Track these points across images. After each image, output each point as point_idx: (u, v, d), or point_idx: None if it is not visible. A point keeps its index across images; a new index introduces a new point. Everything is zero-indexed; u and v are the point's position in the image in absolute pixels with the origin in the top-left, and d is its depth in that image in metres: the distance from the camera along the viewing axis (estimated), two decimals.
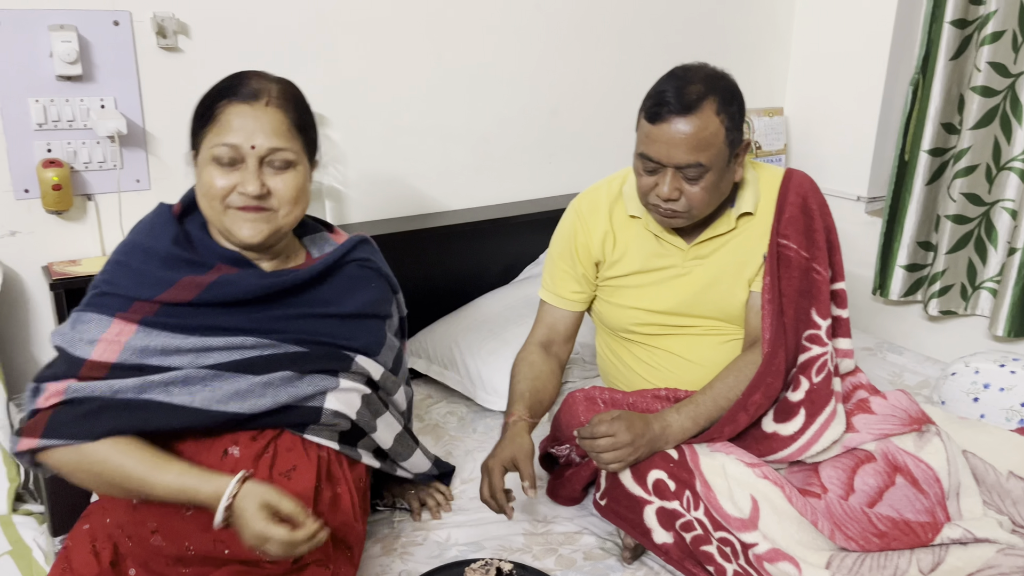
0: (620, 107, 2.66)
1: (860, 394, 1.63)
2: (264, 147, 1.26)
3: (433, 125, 2.31)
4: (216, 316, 1.28)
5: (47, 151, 1.78)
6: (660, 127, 1.47)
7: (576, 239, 1.70)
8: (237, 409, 1.24)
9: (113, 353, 1.21)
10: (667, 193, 1.50)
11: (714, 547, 1.42)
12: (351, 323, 1.41)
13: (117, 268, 1.28)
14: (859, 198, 2.81)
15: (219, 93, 1.28)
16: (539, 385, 1.66)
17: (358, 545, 1.40)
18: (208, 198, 1.28)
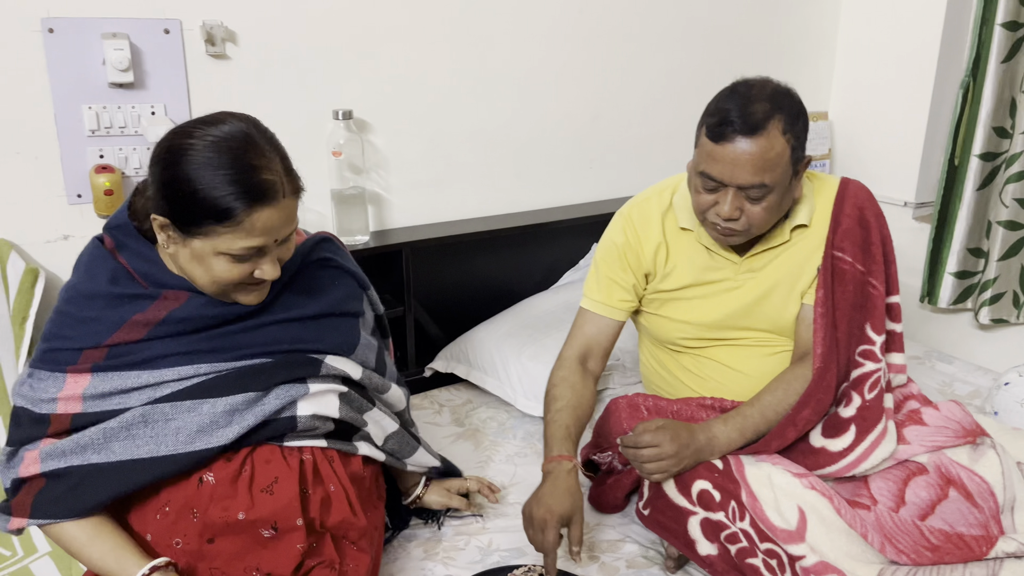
0: (663, 113, 2.65)
1: (911, 405, 1.60)
2: (285, 233, 1.25)
3: (475, 130, 2.32)
4: (168, 345, 1.26)
5: (99, 157, 1.82)
6: (724, 147, 1.42)
7: (628, 249, 1.66)
8: (204, 445, 1.23)
9: (75, 406, 1.23)
10: (728, 213, 1.46)
11: (760, 560, 1.40)
12: (317, 324, 1.37)
13: (62, 319, 1.26)
14: (906, 204, 2.75)
15: (231, 196, 1.16)
16: (581, 414, 1.59)
17: (366, 537, 1.37)
18: (216, 284, 1.24)
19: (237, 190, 1.16)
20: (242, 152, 1.18)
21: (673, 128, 2.67)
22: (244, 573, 1.24)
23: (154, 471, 1.22)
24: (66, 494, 1.20)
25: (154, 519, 1.23)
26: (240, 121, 1.22)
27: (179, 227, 1.20)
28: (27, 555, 1.58)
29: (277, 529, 1.25)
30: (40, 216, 1.80)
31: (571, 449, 1.51)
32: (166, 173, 1.18)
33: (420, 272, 2.19)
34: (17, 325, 1.72)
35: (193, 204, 1.17)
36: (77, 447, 1.21)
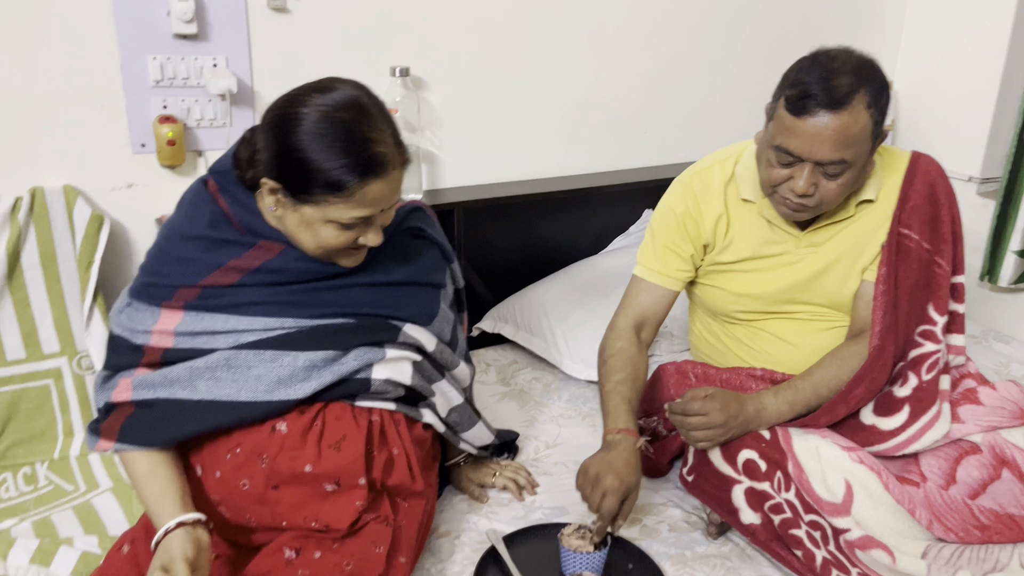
0: (721, 80, 2.60)
1: (968, 383, 1.57)
2: (392, 202, 1.27)
3: (530, 91, 2.30)
4: (257, 294, 1.29)
5: (163, 107, 1.85)
6: (805, 121, 1.36)
7: (688, 218, 1.62)
8: (283, 397, 1.27)
9: (167, 340, 1.28)
10: (803, 189, 1.41)
11: (803, 531, 1.40)
12: (399, 291, 1.39)
13: (161, 255, 1.31)
14: (971, 179, 2.67)
15: (345, 169, 1.18)
16: (639, 387, 1.57)
17: (418, 499, 1.40)
18: (322, 248, 1.27)
19: (351, 163, 1.18)
20: (355, 123, 1.19)
21: (731, 96, 2.62)
22: (303, 521, 1.28)
23: (232, 415, 1.26)
24: (151, 424, 1.25)
25: (224, 458, 1.28)
26: (351, 88, 1.23)
27: (290, 193, 1.22)
28: (89, 490, 1.66)
29: (339, 485, 1.29)
30: (106, 164, 1.85)
31: (635, 425, 1.51)
32: (278, 142, 1.20)
33: (471, 232, 2.20)
34: (83, 269, 1.78)
35: (305, 175, 1.19)
36: (165, 381, 1.27)
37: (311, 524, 1.27)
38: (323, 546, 1.26)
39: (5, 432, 1.74)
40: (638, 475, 1.42)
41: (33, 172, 1.78)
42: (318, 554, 1.25)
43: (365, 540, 1.28)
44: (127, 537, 1.29)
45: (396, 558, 1.30)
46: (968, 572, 1.35)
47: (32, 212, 1.75)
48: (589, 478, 1.40)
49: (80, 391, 1.81)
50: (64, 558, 1.38)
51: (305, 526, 1.28)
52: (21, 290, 1.75)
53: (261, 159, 1.24)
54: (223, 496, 1.28)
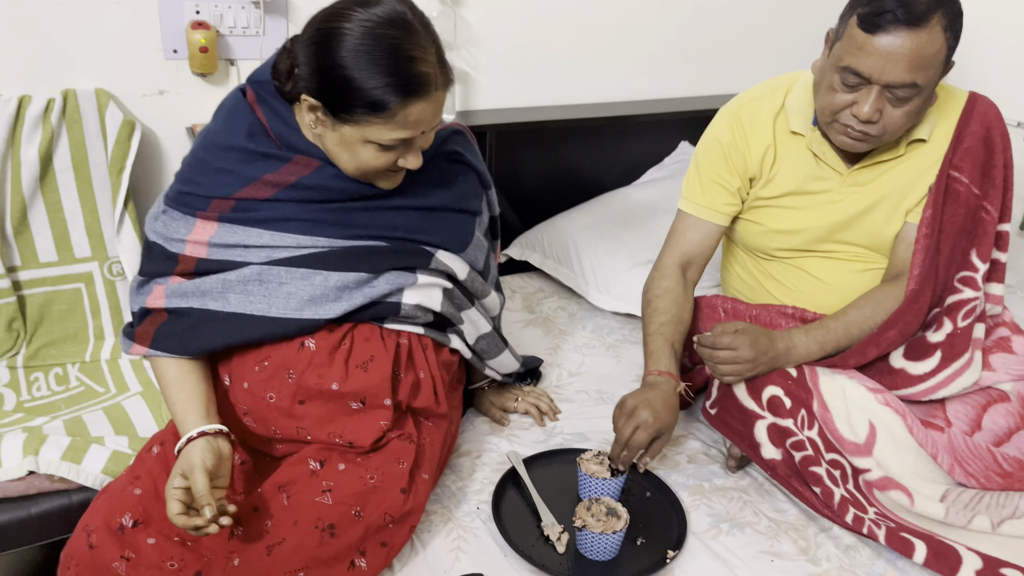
0: (766, 12, 2.51)
1: (1001, 331, 1.54)
2: (434, 124, 1.23)
3: (569, 13, 2.24)
4: (291, 209, 1.28)
5: (196, 12, 1.82)
6: (879, 38, 1.29)
7: (734, 150, 1.57)
8: (312, 315, 1.27)
9: (200, 251, 1.27)
10: (868, 114, 1.35)
11: (823, 468, 1.40)
12: (434, 216, 1.37)
13: (197, 164, 1.29)
14: (1020, 124, 2.58)
15: (388, 89, 1.14)
16: (684, 329, 1.55)
17: (442, 419, 1.42)
18: (359, 169, 1.25)
19: (394, 82, 1.14)
20: (399, 41, 1.15)
21: (776, 28, 2.53)
22: (327, 437, 1.29)
23: (262, 329, 1.27)
24: (184, 332, 1.26)
25: (252, 370, 1.29)
26: (396, 2, 1.18)
27: (330, 111, 1.19)
28: (119, 392, 1.69)
29: (365, 404, 1.30)
30: (137, 69, 1.83)
31: (677, 368, 1.50)
32: (319, 57, 1.16)
33: (503, 156, 2.17)
34: (115, 175, 1.78)
35: (347, 92, 1.16)
36: (198, 291, 1.27)
37: (335, 440, 1.29)
38: (347, 459, 1.28)
39: (38, 333, 1.77)
40: (674, 416, 1.42)
41: (65, 73, 1.76)
42: (342, 466, 1.27)
43: (389, 455, 1.30)
44: (157, 439, 1.32)
45: (419, 474, 1.32)
46: (986, 517, 1.35)
47: (64, 115, 1.74)
48: (625, 410, 1.40)
49: (111, 296, 1.83)
50: (95, 456, 1.41)
51: (329, 441, 1.30)
52: (54, 192, 1.75)
53: (301, 74, 1.20)
54: (250, 407, 1.30)
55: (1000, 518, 1.36)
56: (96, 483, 1.40)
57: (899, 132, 1.41)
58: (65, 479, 1.40)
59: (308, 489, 1.23)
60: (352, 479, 1.26)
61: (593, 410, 1.68)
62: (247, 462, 1.34)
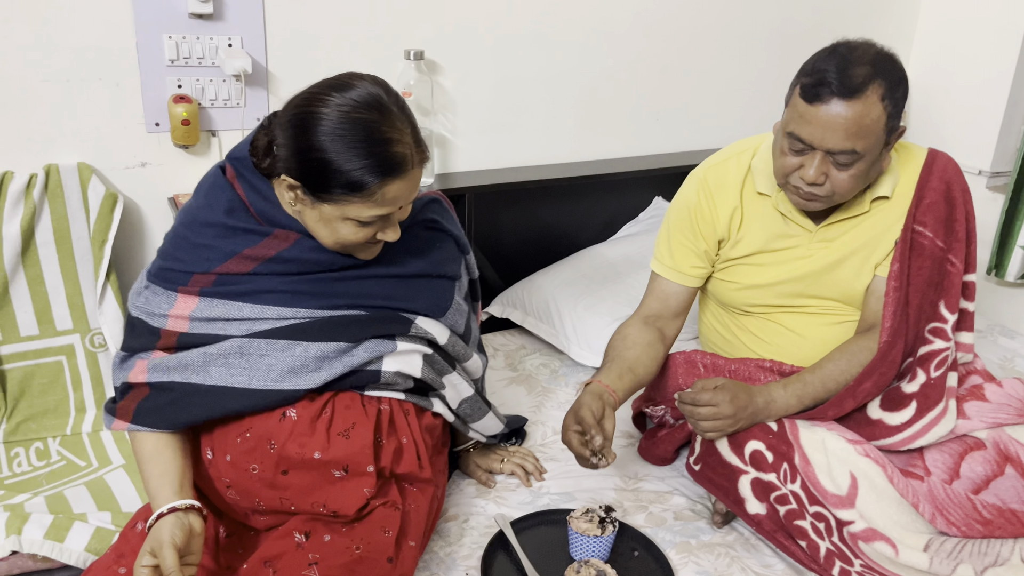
0: (733, 68, 2.59)
1: (974, 380, 1.58)
2: (410, 199, 1.28)
3: (542, 76, 2.30)
4: (271, 282, 1.31)
5: (178, 87, 1.85)
6: (817, 108, 1.37)
7: (701, 214, 1.62)
8: (293, 386, 1.28)
9: (182, 325, 1.29)
10: (813, 177, 1.41)
11: (808, 522, 1.42)
12: (412, 284, 1.40)
13: (178, 241, 1.32)
14: (980, 172, 2.68)
15: (365, 171, 1.19)
16: (629, 355, 1.58)
17: (427, 485, 1.42)
18: (339, 244, 1.28)
19: (371, 164, 1.19)
20: (376, 124, 1.19)
21: (744, 85, 2.61)
22: (311, 507, 1.29)
23: (243, 401, 1.28)
24: (165, 406, 1.27)
25: (234, 442, 1.29)
26: (371, 85, 1.23)
27: (309, 191, 1.23)
28: (101, 466, 1.68)
29: (348, 472, 1.30)
30: (120, 142, 1.85)
31: (602, 375, 1.52)
32: (298, 140, 1.20)
33: (481, 217, 2.21)
34: (97, 247, 1.79)
35: (326, 174, 1.19)
36: (180, 365, 1.28)
37: (319, 509, 1.29)
38: (332, 529, 1.28)
39: (18, 407, 1.76)
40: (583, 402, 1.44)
41: (48, 149, 1.79)
42: (328, 537, 1.27)
43: (374, 524, 1.30)
44: (141, 515, 1.31)
45: (405, 542, 1.32)
46: (969, 565, 1.37)
47: (47, 189, 1.75)
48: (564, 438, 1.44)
49: (92, 368, 1.82)
50: (78, 533, 1.40)
51: (313, 511, 1.29)
52: (35, 267, 1.76)
53: (280, 155, 1.24)
54: (233, 479, 1.30)
55: (983, 566, 1.37)
56: (80, 561, 1.38)
57: (850, 194, 1.47)
58: (48, 558, 1.38)
59: (294, 563, 1.22)
60: (338, 550, 1.25)
61: (579, 468, 1.69)
62: (232, 535, 1.33)
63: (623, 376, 1.54)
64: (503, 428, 1.65)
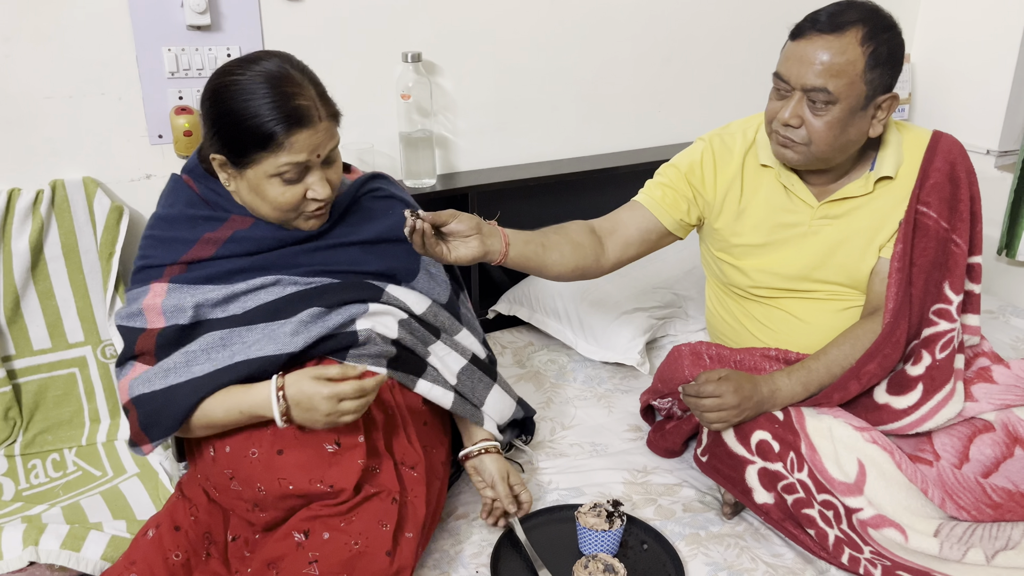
0: (736, 57, 2.58)
1: (981, 362, 1.57)
2: (326, 151, 1.36)
3: (543, 73, 2.30)
4: (236, 263, 1.40)
5: (179, 98, 1.87)
6: (798, 43, 1.44)
7: (699, 171, 1.65)
8: (275, 351, 1.32)
9: (158, 320, 1.36)
10: (786, 118, 1.45)
11: (816, 510, 1.42)
12: (373, 249, 1.47)
13: (148, 242, 1.42)
14: (988, 151, 2.65)
15: (272, 122, 1.29)
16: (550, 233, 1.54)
17: (431, 471, 1.43)
18: (279, 209, 1.37)
19: (276, 115, 1.29)
20: (277, 82, 1.30)
21: (746, 73, 2.60)
22: (309, 484, 1.31)
23: (229, 375, 1.32)
24: (159, 413, 1.32)
25: (233, 431, 1.34)
26: (275, 57, 1.35)
27: (233, 161, 1.34)
28: (116, 475, 1.70)
29: (340, 445, 1.33)
30: (124, 156, 1.87)
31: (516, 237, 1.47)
32: (213, 110, 1.33)
33: (486, 215, 2.19)
34: (104, 259, 1.81)
35: (239, 134, 1.31)
36: (161, 372, 1.34)
37: (317, 486, 1.30)
38: (330, 526, 1.29)
39: (33, 420, 1.79)
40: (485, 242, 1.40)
41: (53, 165, 1.81)
42: (326, 535, 1.28)
43: (372, 518, 1.31)
44: (152, 522, 1.33)
45: (403, 534, 1.33)
46: (980, 549, 1.36)
47: (53, 204, 1.78)
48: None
49: (105, 379, 1.85)
50: (94, 542, 1.42)
51: (311, 489, 1.30)
52: (45, 281, 1.78)
53: (206, 136, 1.36)
54: (235, 468, 1.33)
55: (994, 550, 1.37)
56: (96, 570, 1.40)
57: (827, 146, 1.47)
58: (66, 568, 1.40)
59: (296, 564, 1.25)
60: (337, 547, 1.27)
61: (587, 463, 1.70)
62: (238, 538, 1.34)
63: (529, 241, 1.49)
64: (515, 406, 1.64)
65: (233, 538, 1.33)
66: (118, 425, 1.83)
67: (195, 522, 1.34)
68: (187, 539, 1.31)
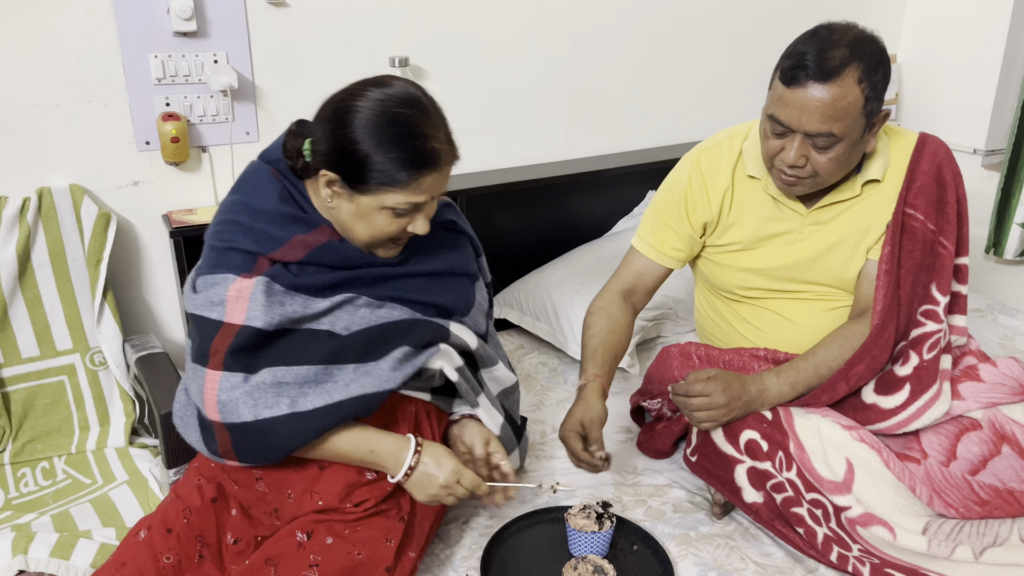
0: (723, 60, 2.59)
1: (968, 360, 1.58)
2: (440, 192, 1.32)
3: (530, 77, 2.31)
4: (318, 274, 1.34)
5: (166, 105, 1.87)
6: (795, 91, 1.38)
7: (691, 197, 1.63)
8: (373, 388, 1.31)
9: (236, 316, 1.27)
10: (793, 160, 1.43)
11: (804, 509, 1.42)
12: (441, 281, 1.44)
13: (233, 228, 1.32)
14: (976, 151, 2.66)
15: (405, 163, 1.24)
16: (614, 339, 1.61)
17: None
18: (376, 237, 1.32)
19: (409, 156, 1.24)
20: (414, 119, 1.25)
21: (733, 75, 2.61)
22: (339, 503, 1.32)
23: (334, 416, 1.28)
24: (258, 444, 1.27)
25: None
26: (407, 84, 1.29)
27: (348, 183, 1.27)
28: (106, 483, 1.70)
29: (378, 475, 1.35)
30: (111, 163, 1.87)
31: (595, 368, 1.56)
32: (336, 135, 1.25)
33: (475, 219, 2.19)
34: (92, 266, 1.81)
35: (365, 166, 1.24)
36: (250, 397, 1.26)
37: (345, 504, 1.32)
38: (335, 532, 1.29)
39: (23, 428, 1.78)
40: (585, 409, 1.49)
41: (40, 173, 1.81)
42: (330, 540, 1.28)
43: (377, 532, 1.32)
44: (144, 523, 1.31)
45: (406, 552, 1.34)
46: (968, 547, 1.37)
47: (40, 212, 1.78)
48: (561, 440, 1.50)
49: (94, 386, 1.84)
50: (83, 550, 1.42)
51: (338, 506, 1.32)
52: (33, 289, 1.78)
53: (319, 149, 1.28)
54: (265, 471, 1.33)
55: (982, 547, 1.37)
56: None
57: (832, 176, 1.48)
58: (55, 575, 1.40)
59: (295, 563, 1.24)
60: (339, 554, 1.27)
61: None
62: (239, 540, 1.34)
63: (612, 368, 1.59)
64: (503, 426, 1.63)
65: (235, 540, 1.33)
66: (107, 432, 1.83)
67: (188, 524, 1.33)
68: (179, 541, 1.30)
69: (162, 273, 2.00)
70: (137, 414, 1.86)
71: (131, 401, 1.85)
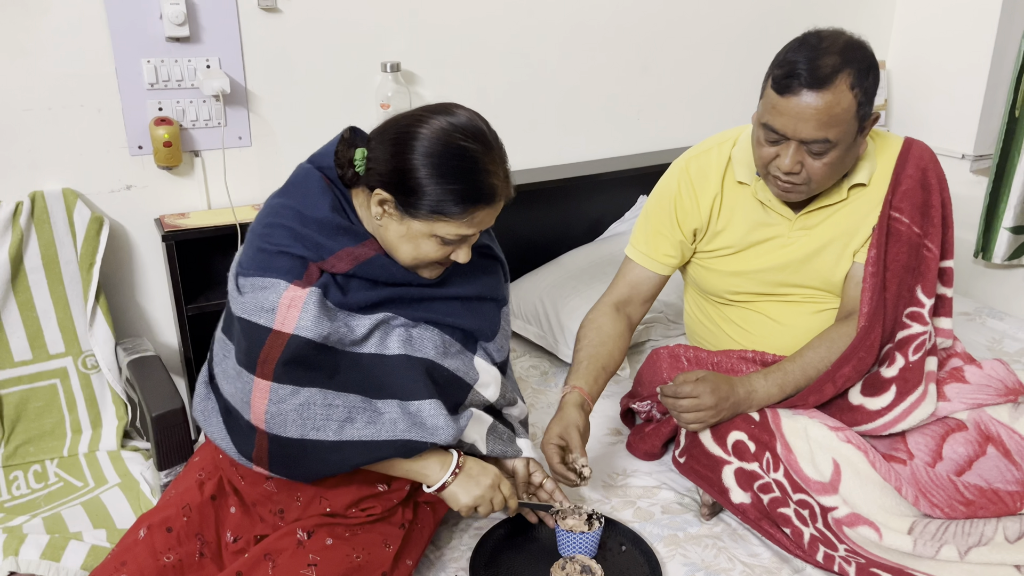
0: (714, 64, 2.61)
1: (954, 362, 1.59)
2: (489, 225, 1.33)
3: (521, 81, 2.32)
4: (361, 289, 1.32)
5: (158, 109, 1.88)
6: (788, 100, 1.39)
7: (681, 204, 1.65)
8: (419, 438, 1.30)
9: (286, 325, 1.24)
10: (788, 166, 1.44)
11: (791, 509, 1.43)
12: (472, 305, 1.44)
13: (283, 232, 1.28)
14: (964, 156, 2.69)
15: (467, 194, 1.24)
16: (603, 351, 1.62)
17: (443, 506, 1.46)
18: (419, 260, 1.31)
19: (467, 190, 1.24)
20: (477, 154, 1.24)
21: (724, 80, 2.63)
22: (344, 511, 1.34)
23: (378, 452, 1.29)
24: (296, 461, 1.27)
25: None
26: (473, 115, 1.28)
27: (401, 207, 1.26)
28: (98, 486, 1.70)
29: (389, 486, 1.37)
30: (104, 167, 1.88)
31: (576, 380, 1.57)
32: (397, 158, 1.23)
33: None
34: (84, 270, 1.82)
35: (422, 194, 1.23)
36: (298, 415, 1.25)
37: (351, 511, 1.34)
38: (335, 533, 1.30)
39: (15, 431, 1.79)
40: (562, 419, 1.50)
41: (33, 177, 1.82)
42: (330, 541, 1.29)
43: (377, 536, 1.33)
44: (143, 521, 1.30)
45: (403, 559, 1.35)
46: (953, 546, 1.38)
47: (33, 216, 1.78)
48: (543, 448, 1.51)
49: (86, 390, 1.85)
50: (74, 552, 1.42)
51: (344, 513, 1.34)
52: (25, 292, 1.79)
53: (377, 169, 1.26)
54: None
55: (967, 546, 1.38)
56: None
57: (827, 181, 1.49)
58: None
59: (294, 561, 1.25)
60: (339, 557, 1.28)
61: None
62: (239, 539, 1.34)
63: (598, 379, 1.58)
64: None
65: (235, 539, 1.33)
66: (100, 436, 1.84)
67: (188, 522, 1.32)
68: (179, 540, 1.30)
69: (154, 277, 2.00)
70: (129, 417, 1.86)
71: (123, 404, 1.86)
